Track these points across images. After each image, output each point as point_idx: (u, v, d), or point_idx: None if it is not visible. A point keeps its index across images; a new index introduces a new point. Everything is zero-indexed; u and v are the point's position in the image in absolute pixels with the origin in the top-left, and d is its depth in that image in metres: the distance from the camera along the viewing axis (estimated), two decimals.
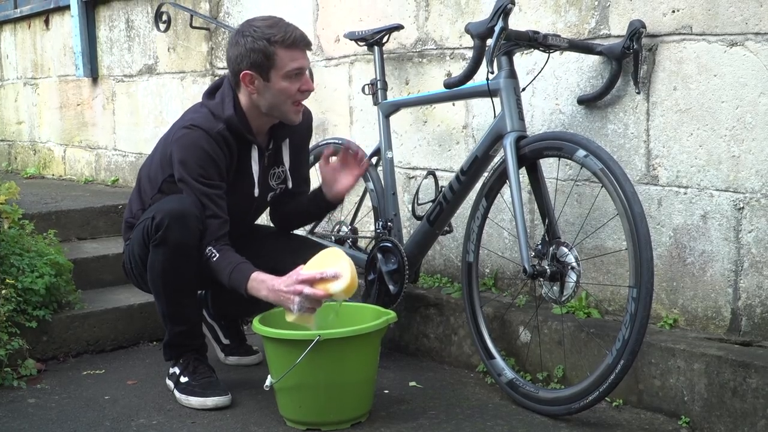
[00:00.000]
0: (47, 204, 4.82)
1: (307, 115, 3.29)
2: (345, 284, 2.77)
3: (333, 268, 2.79)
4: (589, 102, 3.16)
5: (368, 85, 3.67)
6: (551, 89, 3.29)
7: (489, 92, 3.00)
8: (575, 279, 2.78)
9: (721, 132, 2.84)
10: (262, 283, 2.90)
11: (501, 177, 3.05)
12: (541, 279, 2.84)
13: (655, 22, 2.96)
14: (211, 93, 3.17)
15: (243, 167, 3.16)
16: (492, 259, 3.57)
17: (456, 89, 3.06)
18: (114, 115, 5.92)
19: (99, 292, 4.07)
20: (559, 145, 2.83)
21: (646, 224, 2.63)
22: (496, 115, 3.00)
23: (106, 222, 4.76)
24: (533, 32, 2.92)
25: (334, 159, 3.34)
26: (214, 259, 2.99)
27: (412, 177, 3.84)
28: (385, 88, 3.64)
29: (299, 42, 3.00)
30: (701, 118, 2.88)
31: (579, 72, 3.19)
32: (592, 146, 2.76)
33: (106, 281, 4.19)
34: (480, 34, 2.85)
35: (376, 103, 3.64)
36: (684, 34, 2.90)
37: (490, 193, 3.12)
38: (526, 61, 3.33)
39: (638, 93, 3.03)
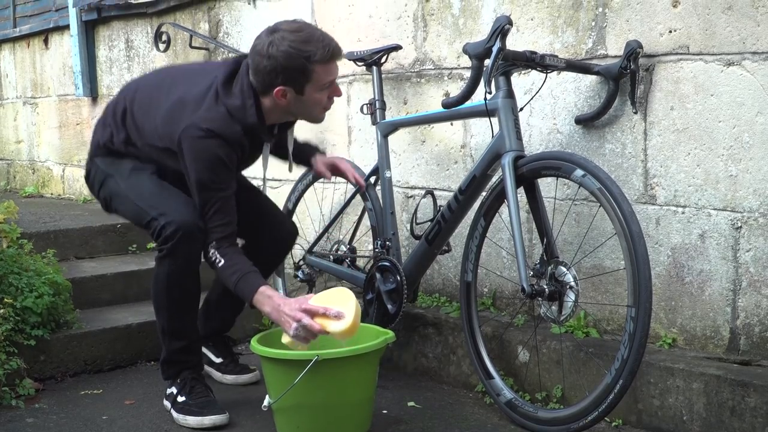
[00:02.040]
0: (46, 223, 4.82)
1: None
2: (344, 327, 2.77)
3: (339, 307, 2.80)
4: (587, 122, 3.17)
5: (366, 105, 3.68)
6: (549, 109, 3.30)
7: (487, 112, 3.01)
8: (574, 298, 2.78)
9: (719, 151, 2.85)
10: (268, 299, 2.90)
11: (499, 196, 3.06)
12: (540, 298, 2.84)
13: (652, 42, 2.98)
14: (227, 82, 3.03)
15: (251, 158, 3.18)
16: (490, 279, 3.57)
17: (454, 109, 3.06)
18: None
19: (97, 311, 4.06)
20: (557, 164, 2.84)
21: (644, 243, 2.63)
22: (494, 134, 3.01)
23: (105, 241, 4.75)
24: (531, 52, 2.94)
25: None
26: (220, 264, 2.98)
27: (411, 196, 3.85)
28: (383, 108, 3.65)
29: (336, 55, 2.98)
30: (699, 138, 2.89)
31: (576, 92, 3.20)
32: (589, 166, 2.76)
33: (105, 300, 4.18)
34: (478, 54, 2.86)
35: (374, 122, 3.64)
36: (681, 53, 2.91)
37: (489, 212, 3.12)
38: (523, 81, 3.34)
39: (635, 113, 3.04)
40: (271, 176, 4.50)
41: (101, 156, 3.27)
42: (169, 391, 3.21)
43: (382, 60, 3.68)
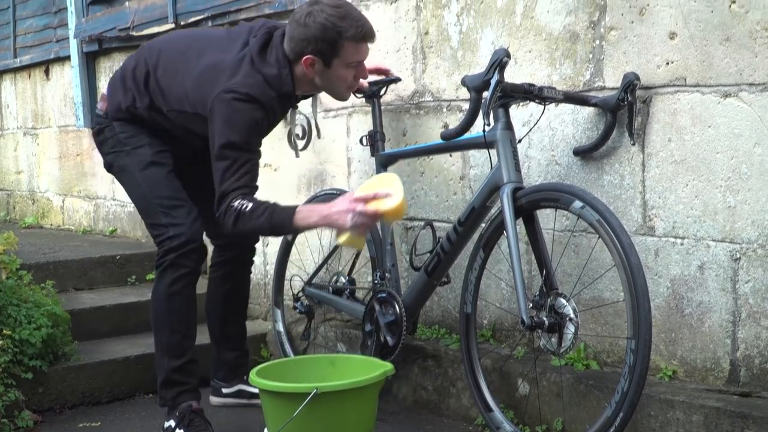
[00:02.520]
0: (45, 254, 4.82)
1: None
2: (395, 203, 2.84)
3: (385, 189, 2.87)
4: (585, 153, 3.17)
5: (366, 136, 3.69)
6: (547, 141, 3.30)
7: (486, 144, 3.02)
8: (573, 330, 2.77)
9: (717, 183, 2.85)
10: (311, 211, 2.97)
11: (498, 228, 3.06)
12: (539, 330, 2.83)
13: (650, 74, 2.99)
14: (262, 50, 3.09)
15: (276, 123, 3.24)
16: (490, 310, 3.56)
17: (453, 140, 3.07)
18: None
19: (95, 343, 4.05)
20: (555, 196, 2.84)
21: (643, 275, 2.62)
22: (493, 166, 3.02)
23: (104, 272, 4.75)
24: (529, 85, 2.95)
25: None
26: (247, 209, 2.94)
27: (410, 228, 3.85)
28: (382, 139, 3.65)
29: (368, 36, 3.06)
30: (696, 169, 2.90)
31: (575, 124, 3.21)
32: (588, 197, 2.76)
33: (103, 332, 4.18)
34: (476, 86, 2.87)
35: (373, 154, 3.65)
36: (678, 85, 2.92)
37: (488, 244, 3.12)
38: (522, 113, 3.35)
39: (633, 144, 3.05)
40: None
41: (121, 120, 3.30)
42: (167, 424, 3.20)
43: (382, 92, 3.69)
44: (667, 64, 2.95)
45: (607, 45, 3.10)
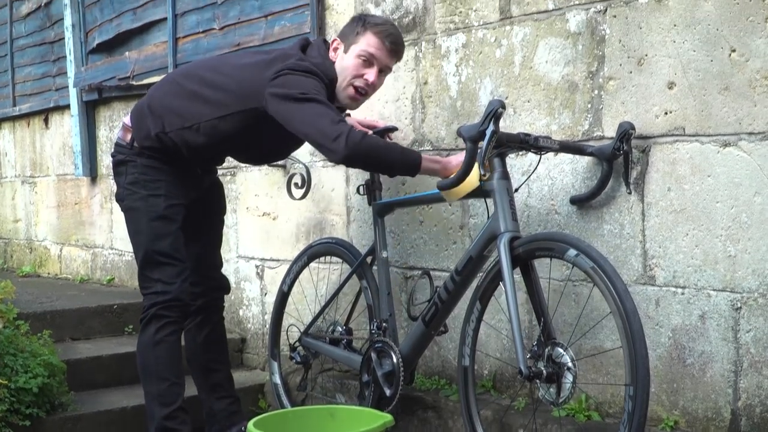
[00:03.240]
0: (42, 303, 4.81)
1: None
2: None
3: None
4: (582, 202, 3.18)
5: (362, 185, 3.69)
6: (547, 190, 3.31)
7: (482, 193, 3.01)
8: (572, 380, 2.75)
9: (717, 232, 2.85)
10: (435, 162, 3.16)
11: (494, 279, 3.04)
12: (537, 381, 2.80)
13: (648, 123, 3.00)
14: (303, 48, 3.26)
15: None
16: (491, 361, 3.54)
17: (438, 192, 3.10)
18: (111, 214, 5.93)
19: (92, 393, 4.02)
20: (550, 245, 2.84)
21: (639, 320, 2.61)
22: (490, 215, 3.01)
23: (101, 322, 4.73)
24: (524, 134, 2.96)
25: None
26: (368, 137, 3.06)
27: (409, 277, 3.83)
28: (379, 188, 3.65)
29: (387, 37, 3.18)
30: (696, 219, 2.89)
31: (574, 173, 3.22)
32: (582, 245, 2.76)
33: (100, 383, 4.14)
34: (472, 137, 2.87)
35: (370, 203, 3.65)
36: (677, 135, 2.93)
37: (484, 295, 3.10)
38: (521, 162, 3.36)
39: (630, 193, 3.05)
40: (269, 256, 4.51)
41: (147, 154, 3.34)
42: None
43: None
44: (666, 113, 2.96)
45: (606, 95, 3.11)
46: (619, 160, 3.04)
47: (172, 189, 3.33)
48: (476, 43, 3.53)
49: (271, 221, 4.48)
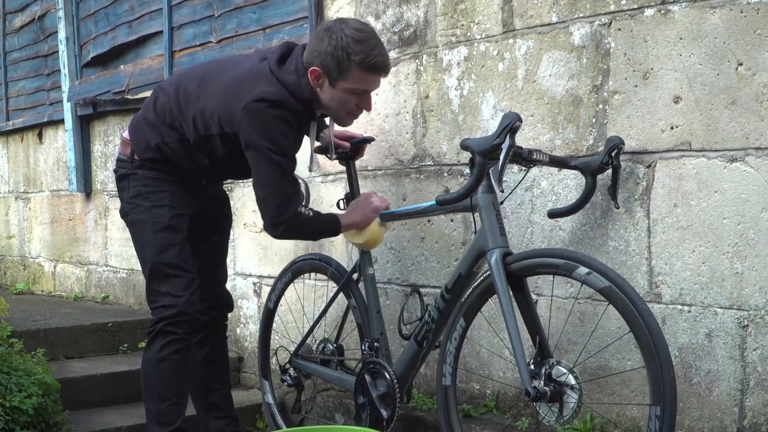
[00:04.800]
0: (36, 321, 4.78)
1: None
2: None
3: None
4: (561, 216, 3.15)
5: (342, 200, 3.62)
6: (551, 206, 3.25)
7: (471, 207, 2.97)
8: (577, 398, 2.69)
9: (724, 249, 2.81)
10: (350, 224, 3.30)
11: (481, 296, 3.00)
12: (537, 402, 2.73)
13: (654, 138, 2.96)
14: (281, 60, 3.13)
15: (302, 137, 3.25)
16: (493, 380, 3.49)
17: (431, 205, 3.07)
18: (106, 231, 5.88)
19: (86, 413, 3.99)
20: (555, 263, 2.77)
21: (665, 340, 2.58)
22: (477, 230, 2.97)
23: (95, 340, 4.70)
24: (518, 147, 2.89)
25: None
26: (311, 214, 3.17)
27: (411, 294, 3.78)
28: None
29: (377, 68, 3.07)
30: (703, 235, 2.85)
31: (578, 188, 3.17)
32: (595, 264, 2.71)
33: (94, 402, 4.11)
34: (483, 151, 2.81)
35: None
36: (683, 150, 2.90)
37: (469, 312, 3.04)
38: (526, 176, 3.31)
39: (617, 208, 3.03)
40: (267, 273, 4.47)
41: (148, 165, 3.30)
42: None
43: (358, 153, 3.63)
44: (672, 128, 2.92)
45: (611, 109, 3.08)
46: (629, 176, 3.01)
47: (176, 199, 3.28)
48: (478, 57, 3.49)
49: (269, 238, 4.43)
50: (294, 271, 3.87)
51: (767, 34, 2.68)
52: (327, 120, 3.41)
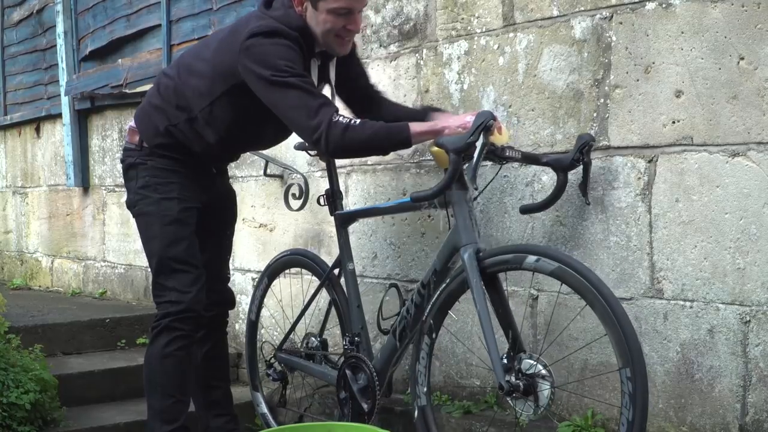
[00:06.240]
0: (33, 317, 4.77)
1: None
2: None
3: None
4: (533, 212, 3.16)
5: (323, 196, 3.58)
6: None
7: (445, 204, 2.96)
8: (549, 386, 2.67)
9: (726, 244, 2.79)
10: (425, 134, 2.95)
11: (451, 296, 3.00)
12: (512, 395, 2.73)
13: (655, 133, 2.94)
14: (267, 5, 3.11)
15: (308, 68, 3.14)
16: (493, 375, 3.46)
17: (404, 201, 3.07)
18: (104, 226, 5.86)
19: (84, 409, 3.98)
20: (506, 258, 2.80)
21: (619, 302, 2.59)
22: (451, 226, 2.96)
23: (93, 336, 4.68)
24: (491, 145, 2.88)
25: None
26: (356, 122, 2.89)
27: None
28: (340, 198, 3.55)
29: None
30: (705, 230, 2.84)
31: (577, 183, 3.15)
32: (547, 251, 2.75)
33: (92, 398, 4.10)
34: (458, 149, 2.80)
35: (332, 213, 3.55)
36: (685, 145, 2.88)
37: (437, 317, 3.03)
38: (524, 173, 3.31)
39: (588, 204, 3.05)
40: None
41: (158, 153, 3.26)
42: None
43: None
44: (674, 122, 2.90)
45: (612, 103, 3.06)
46: (629, 171, 2.99)
47: (185, 191, 3.25)
48: (479, 51, 3.47)
49: (268, 233, 4.42)
50: (269, 275, 3.87)
51: None
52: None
